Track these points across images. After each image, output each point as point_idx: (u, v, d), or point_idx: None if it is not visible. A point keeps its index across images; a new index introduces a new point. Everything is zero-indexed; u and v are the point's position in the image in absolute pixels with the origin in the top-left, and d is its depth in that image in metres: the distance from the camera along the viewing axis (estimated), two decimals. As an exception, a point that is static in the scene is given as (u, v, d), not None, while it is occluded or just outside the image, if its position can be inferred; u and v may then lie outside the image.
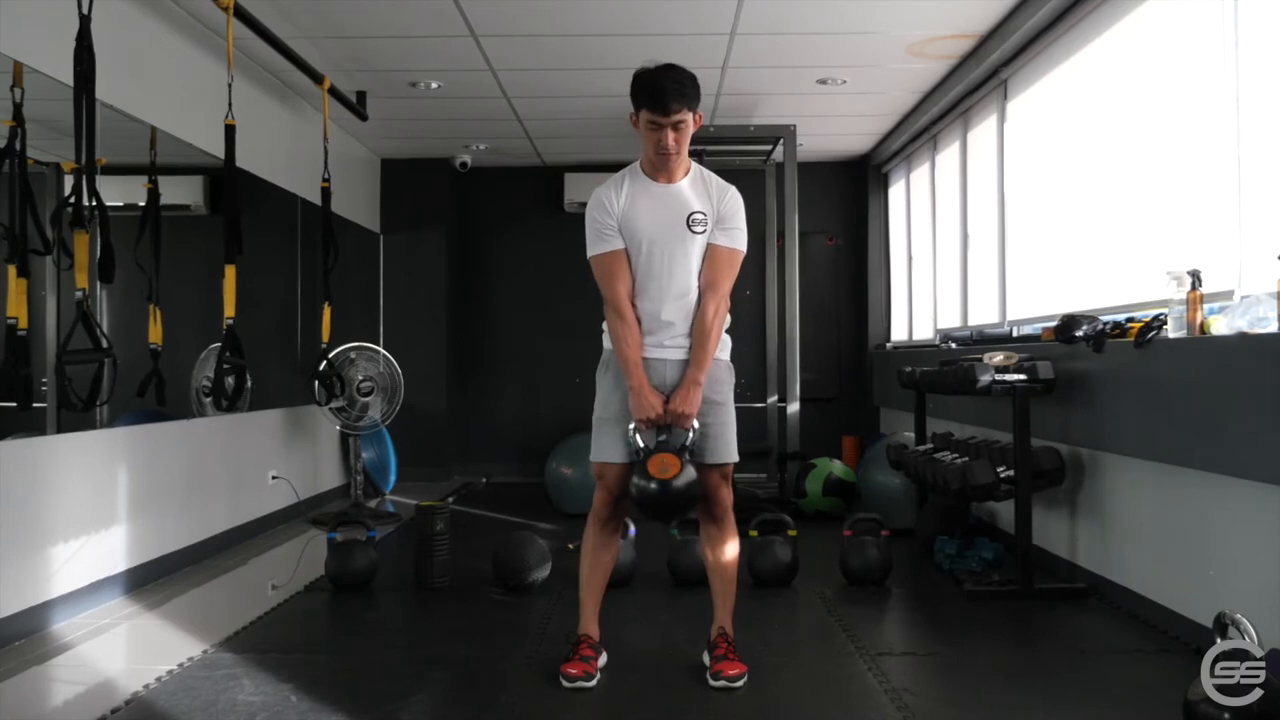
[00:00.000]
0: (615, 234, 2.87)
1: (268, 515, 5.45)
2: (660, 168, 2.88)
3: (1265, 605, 2.74)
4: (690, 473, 2.78)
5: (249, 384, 4.60)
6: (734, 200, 2.92)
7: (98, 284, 3.72)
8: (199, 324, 4.92)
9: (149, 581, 4.16)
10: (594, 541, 3.01)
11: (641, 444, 2.82)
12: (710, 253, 2.89)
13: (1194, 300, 3.12)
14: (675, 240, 2.87)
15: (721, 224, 2.89)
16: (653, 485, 2.76)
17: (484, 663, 3.13)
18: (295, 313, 6.04)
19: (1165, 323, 3.24)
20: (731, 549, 3.00)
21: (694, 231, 2.87)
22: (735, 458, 2.97)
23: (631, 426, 2.85)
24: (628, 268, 2.89)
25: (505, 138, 6.99)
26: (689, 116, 2.81)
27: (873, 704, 2.74)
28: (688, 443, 2.83)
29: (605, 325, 2.95)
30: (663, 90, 2.77)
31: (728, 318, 2.94)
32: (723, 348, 2.97)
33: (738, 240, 2.91)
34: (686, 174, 2.92)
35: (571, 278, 7.72)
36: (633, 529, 3.96)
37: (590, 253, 2.90)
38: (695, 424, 2.84)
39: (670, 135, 2.80)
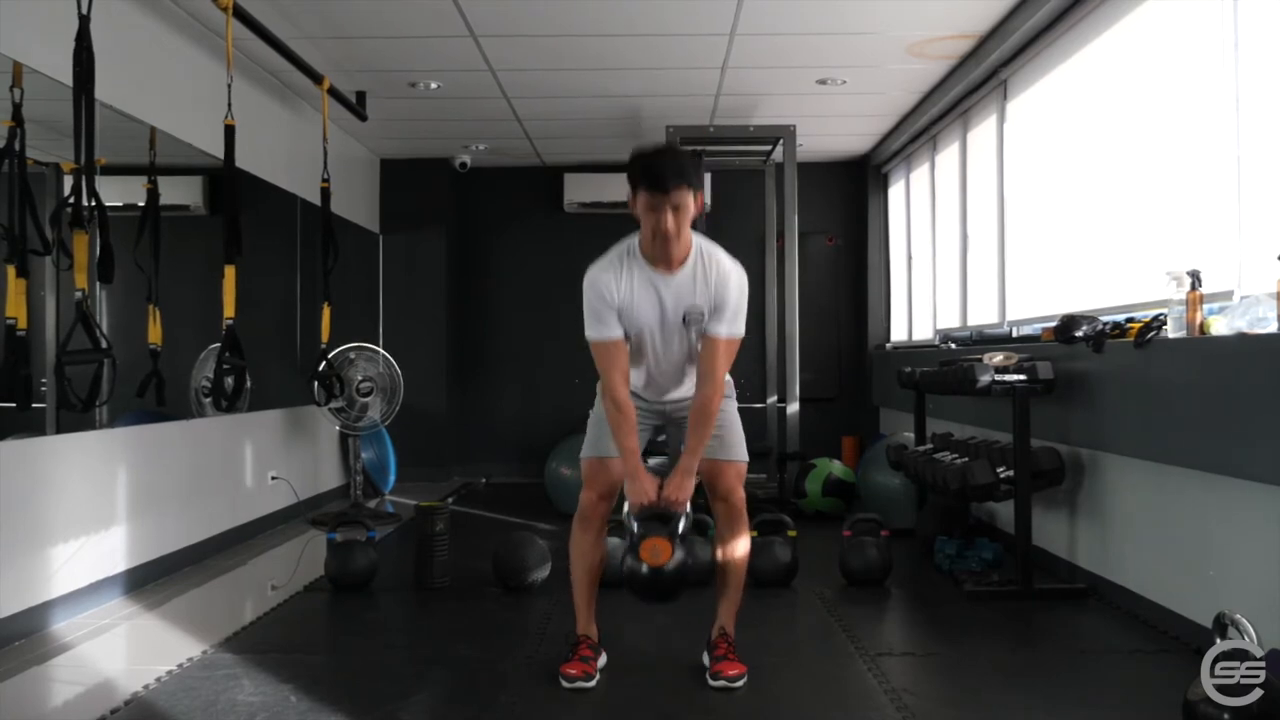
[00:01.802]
0: (615, 322, 2.80)
1: (268, 515, 5.45)
2: (659, 254, 2.77)
3: (1265, 605, 2.74)
4: (680, 557, 2.79)
5: (249, 384, 4.60)
6: (734, 287, 2.81)
7: (97, 284, 3.72)
8: (199, 324, 4.91)
9: (149, 581, 4.16)
10: (582, 545, 2.99)
11: (635, 528, 2.83)
12: (707, 341, 2.82)
13: (1194, 300, 3.12)
14: (672, 331, 2.85)
15: (719, 313, 2.80)
16: (644, 569, 2.77)
17: (484, 663, 3.13)
18: (295, 313, 6.04)
19: (1165, 323, 3.24)
20: (742, 547, 2.99)
21: (688, 327, 2.84)
22: (745, 457, 2.98)
23: (625, 510, 2.86)
24: (626, 353, 2.86)
25: (505, 138, 6.99)
26: (689, 197, 2.69)
27: (872, 704, 2.74)
28: (680, 529, 2.83)
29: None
30: (661, 168, 2.67)
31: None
32: None
33: (736, 328, 2.83)
34: (687, 259, 2.80)
35: (572, 278, 7.65)
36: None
37: (588, 334, 2.84)
38: (689, 509, 2.86)
39: (669, 217, 2.67)
